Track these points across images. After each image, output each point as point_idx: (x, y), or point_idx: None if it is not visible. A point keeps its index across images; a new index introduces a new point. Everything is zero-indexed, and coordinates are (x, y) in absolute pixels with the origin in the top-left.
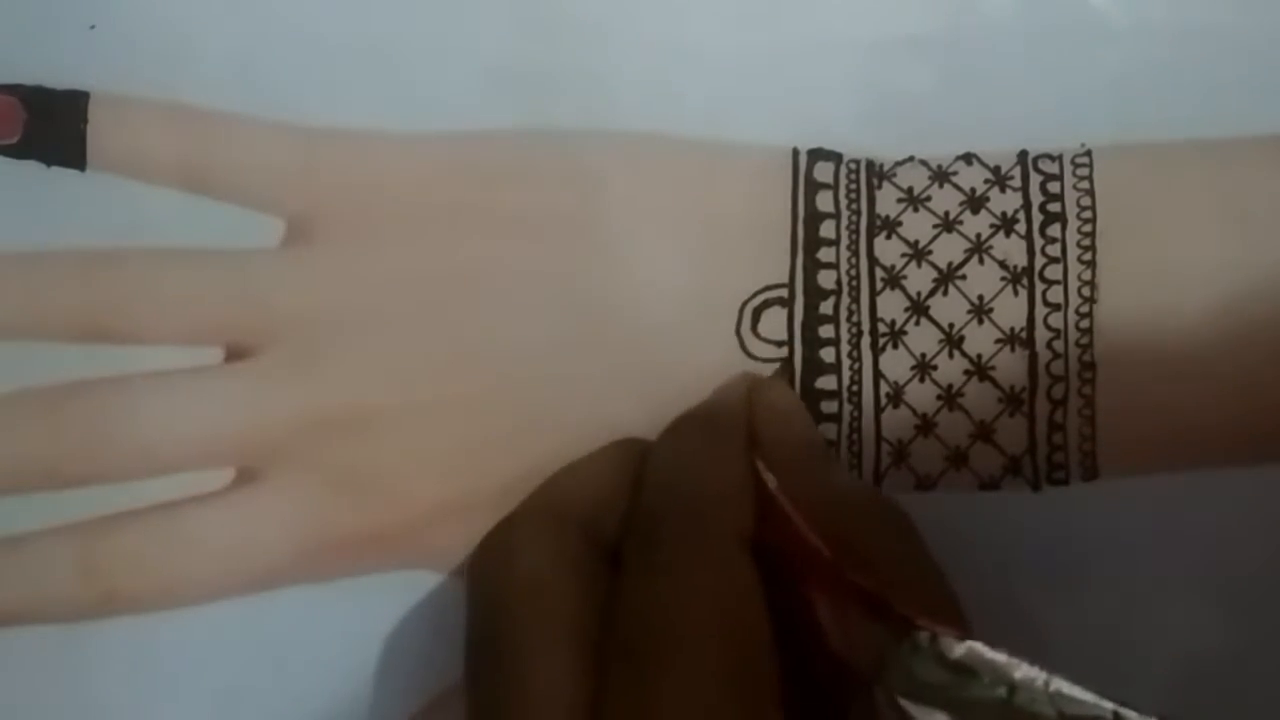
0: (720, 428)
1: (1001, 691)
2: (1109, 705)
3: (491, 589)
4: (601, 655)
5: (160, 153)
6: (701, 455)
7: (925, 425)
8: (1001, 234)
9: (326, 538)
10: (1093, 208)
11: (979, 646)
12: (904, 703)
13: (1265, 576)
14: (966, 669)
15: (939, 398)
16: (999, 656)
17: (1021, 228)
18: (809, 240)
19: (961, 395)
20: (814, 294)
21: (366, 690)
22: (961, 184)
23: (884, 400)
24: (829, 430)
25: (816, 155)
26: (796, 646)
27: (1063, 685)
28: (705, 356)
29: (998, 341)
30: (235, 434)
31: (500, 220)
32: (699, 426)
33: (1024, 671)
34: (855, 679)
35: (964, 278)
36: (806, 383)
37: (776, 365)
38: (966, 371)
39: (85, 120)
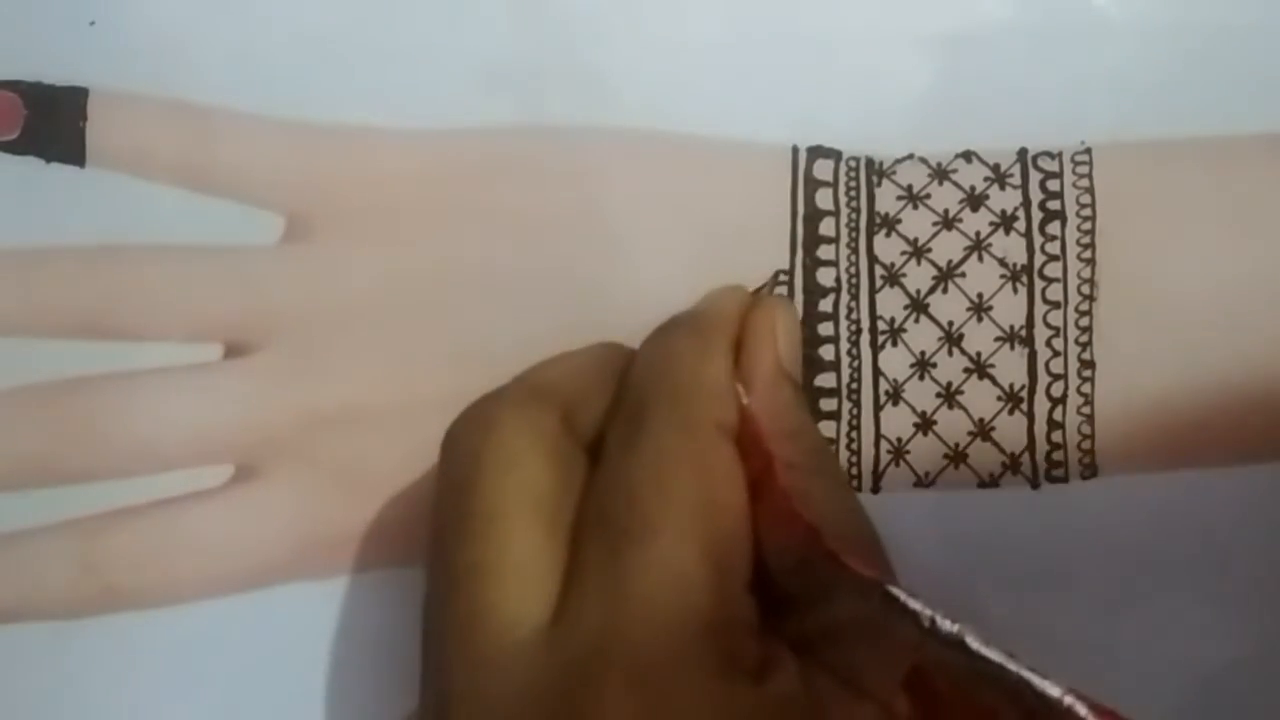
0: (711, 329)
1: (917, 637)
2: (1014, 668)
3: (467, 460)
4: (579, 527)
5: (159, 149)
6: (691, 350)
7: (924, 423)
8: (1001, 232)
9: (325, 535)
10: (1092, 206)
11: (895, 592)
12: (827, 637)
13: (1265, 576)
14: (883, 612)
15: (938, 395)
16: (914, 604)
17: (1021, 225)
18: (808, 238)
19: (961, 393)
20: (814, 291)
21: (366, 690)
22: (961, 182)
23: (883, 398)
24: (828, 428)
25: (816, 153)
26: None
27: (973, 641)
28: None
29: (997, 339)
30: (234, 431)
31: (499, 217)
32: (690, 326)
33: (937, 623)
34: (784, 600)
35: (963, 275)
36: (806, 381)
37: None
38: (966, 369)
39: (84, 117)
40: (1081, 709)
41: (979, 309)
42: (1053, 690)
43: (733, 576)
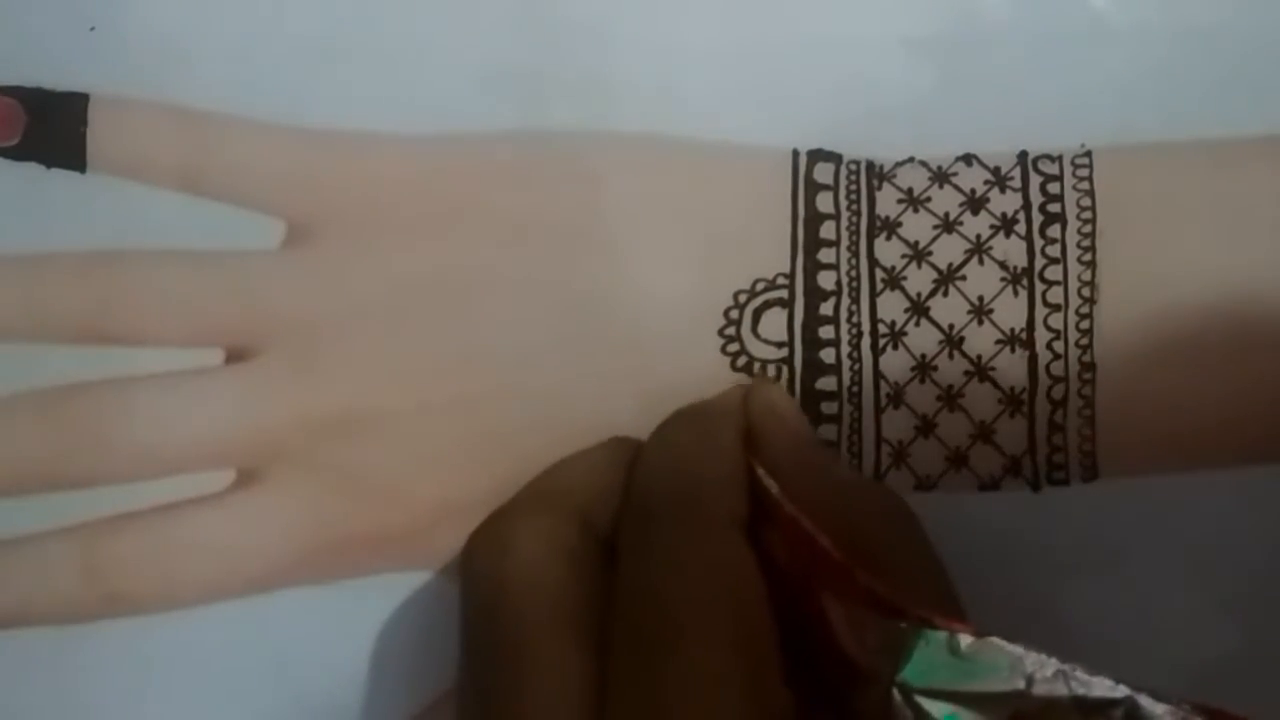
0: (712, 420)
1: (1019, 683)
2: (1124, 690)
3: (487, 584)
4: (605, 643)
5: (160, 155)
6: (693, 444)
7: (925, 426)
8: (1001, 235)
9: (327, 539)
10: (1093, 208)
11: (996, 641)
12: (919, 699)
13: (1265, 576)
14: (982, 663)
15: (939, 398)
16: (1016, 649)
17: (1021, 228)
18: (809, 241)
19: (961, 396)
20: (814, 295)
21: (366, 690)
22: (961, 185)
23: (884, 401)
24: (829, 431)
25: (816, 156)
26: (804, 640)
27: (1079, 673)
28: (704, 358)
29: (998, 342)
30: (235, 435)
31: (499, 222)
32: (691, 419)
33: (1039, 661)
34: (865, 675)
35: (964, 278)
36: (806, 384)
37: (775, 366)
38: (966, 372)
39: (85, 122)
40: None
41: (980, 312)
42: (1167, 703)
43: (766, 669)
